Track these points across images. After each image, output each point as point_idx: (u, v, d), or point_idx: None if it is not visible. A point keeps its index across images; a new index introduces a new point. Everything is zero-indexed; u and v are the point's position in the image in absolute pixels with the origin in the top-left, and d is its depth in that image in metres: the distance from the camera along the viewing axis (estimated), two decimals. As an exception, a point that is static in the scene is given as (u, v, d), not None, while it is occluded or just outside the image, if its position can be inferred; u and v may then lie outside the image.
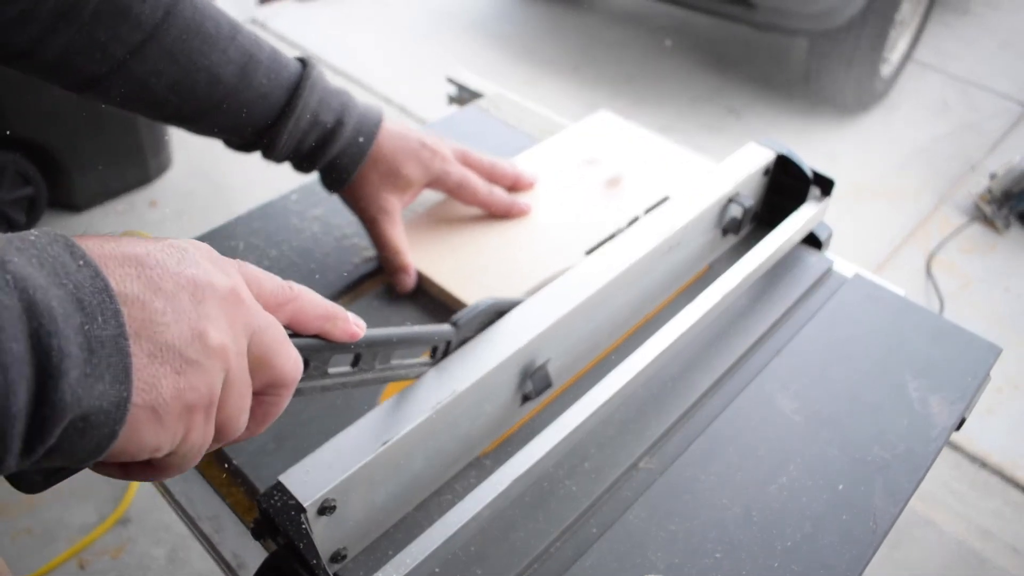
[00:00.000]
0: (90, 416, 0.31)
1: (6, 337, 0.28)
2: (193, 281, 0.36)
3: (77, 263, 0.32)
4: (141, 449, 0.35)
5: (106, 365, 0.32)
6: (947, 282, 2.15)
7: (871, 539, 0.59)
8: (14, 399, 0.29)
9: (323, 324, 0.45)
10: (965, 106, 2.93)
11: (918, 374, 0.71)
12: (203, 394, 0.36)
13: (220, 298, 0.37)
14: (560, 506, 0.59)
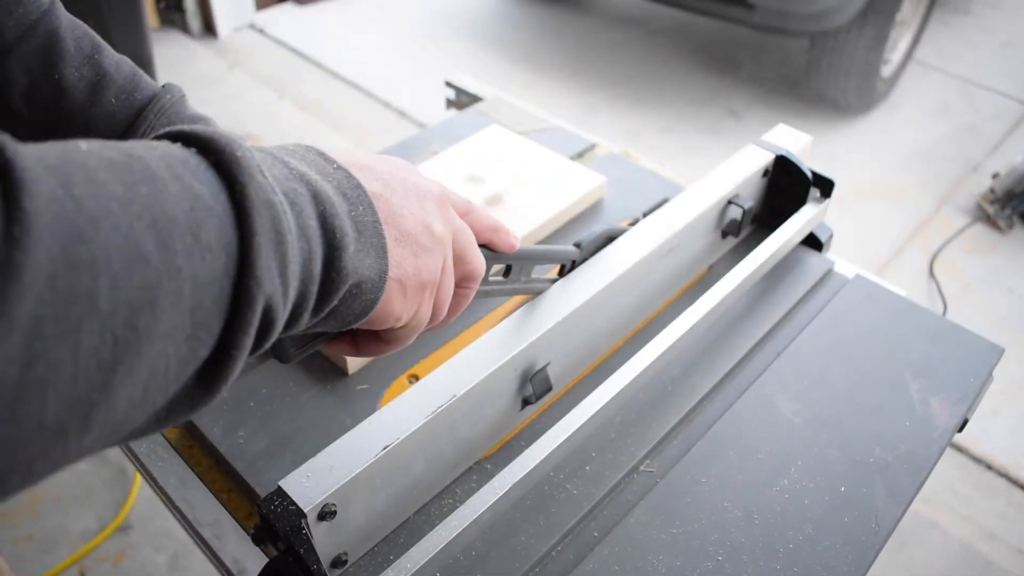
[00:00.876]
0: (362, 283, 0.39)
1: (306, 216, 0.35)
2: (415, 185, 0.44)
3: (332, 166, 0.40)
4: (388, 317, 0.43)
5: (370, 244, 0.39)
6: (950, 283, 2.15)
7: (873, 540, 0.59)
8: (315, 264, 0.35)
9: (491, 235, 0.51)
10: (966, 106, 2.92)
11: (919, 375, 0.71)
12: (433, 274, 0.44)
13: (436, 200, 0.45)
14: (561, 510, 0.59)
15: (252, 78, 2.90)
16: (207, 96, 2.76)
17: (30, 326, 0.24)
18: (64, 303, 0.25)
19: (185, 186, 0.30)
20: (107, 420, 0.28)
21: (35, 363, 0.24)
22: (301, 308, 0.36)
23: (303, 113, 2.71)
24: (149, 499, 1.61)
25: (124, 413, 0.28)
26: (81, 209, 0.26)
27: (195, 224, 0.29)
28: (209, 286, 0.30)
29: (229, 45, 3.12)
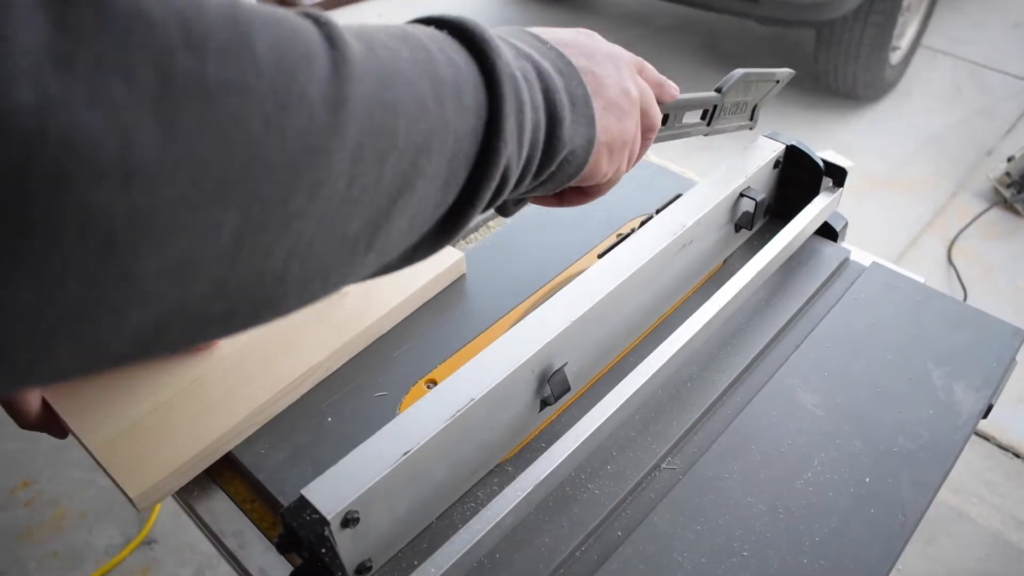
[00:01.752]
0: (575, 150, 0.44)
1: (535, 90, 0.40)
2: (610, 53, 0.48)
3: (545, 46, 0.44)
4: (596, 175, 0.49)
5: (582, 115, 0.44)
6: (969, 270, 2.13)
7: (900, 531, 0.58)
8: (540, 132, 0.40)
9: (658, 89, 0.56)
10: (978, 90, 2.90)
11: (941, 362, 0.70)
12: (632, 134, 0.50)
13: (627, 64, 0.50)
14: (584, 510, 0.59)
15: (260, 91, 2.91)
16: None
17: (354, 149, 0.28)
18: (377, 135, 0.29)
19: (449, 57, 0.35)
20: (383, 245, 0.33)
21: (353, 183, 0.28)
22: (527, 171, 0.41)
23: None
24: (173, 513, 1.62)
25: (394, 241, 0.33)
26: (383, 63, 0.31)
27: (459, 87, 0.34)
28: (465, 139, 0.35)
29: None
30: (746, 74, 0.69)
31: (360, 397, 0.69)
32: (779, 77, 0.75)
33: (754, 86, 0.72)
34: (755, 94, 0.73)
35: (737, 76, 0.68)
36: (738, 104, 0.71)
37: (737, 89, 0.69)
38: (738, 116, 0.73)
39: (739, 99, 0.71)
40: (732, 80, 0.68)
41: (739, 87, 0.69)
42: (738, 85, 0.69)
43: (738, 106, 0.71)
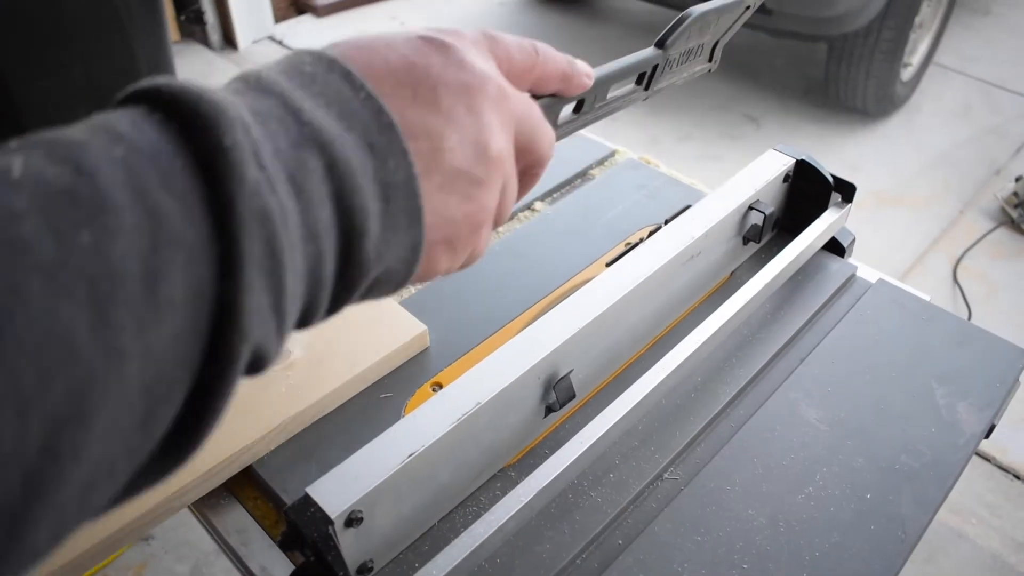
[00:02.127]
0: (392, 267, 0.32)
1: (316, 203, 0.27)
2: (466, 87, 0.34)
3: (359, 96, 0.30)
4: (433, 275, 0.37)
5: (401, 211, 0.31)
6: (974, 289, 2.12)
7: (900, 548, 0.59)
8: (326, 266, 0.29)
9: (560, 84, 0.43)
10: (988, 108, 2.90)
11: (945, 380, 0.71)
12: (490, 210, 0.36)
13: (492, 100, 0.35)
14: (585, 517, 0.59)
15: (272, 90, 2.93)
16: (228, 108, 2.79)
17: None
18: None
19: (148, 209, 0.22)
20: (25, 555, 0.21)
21: None
22: (309, 317, 0.30)
23: (322, 124, 2.74)
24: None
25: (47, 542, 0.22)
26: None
27: (153, 273, 0.22)
28: (169, 352, 0.23)
29: (249, 57, 3.15)
30: (703, 15, 0.56)
31: (366, 398, 0.69)
32: (748, 2, 0.61)
33: (714, 23, 0.58)
34: (715, 31, 0.60)
35: (689, 20, 0.55)
36: (691, 50, 0.58)
37: (689, 34, 0.56)
38: (692, 63, 0.60)
39: (692, 44, 0.58)
40: (682, 28, 0.55)
41: (692, 32, 0.56)
42: (690, 30, 0.56)
43: (692, 52, 0.59)
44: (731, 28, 0.62)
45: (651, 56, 0.53)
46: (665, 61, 0.55)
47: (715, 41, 0.61)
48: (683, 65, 0.58)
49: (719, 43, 0.62)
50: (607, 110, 0.52)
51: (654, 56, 0.54)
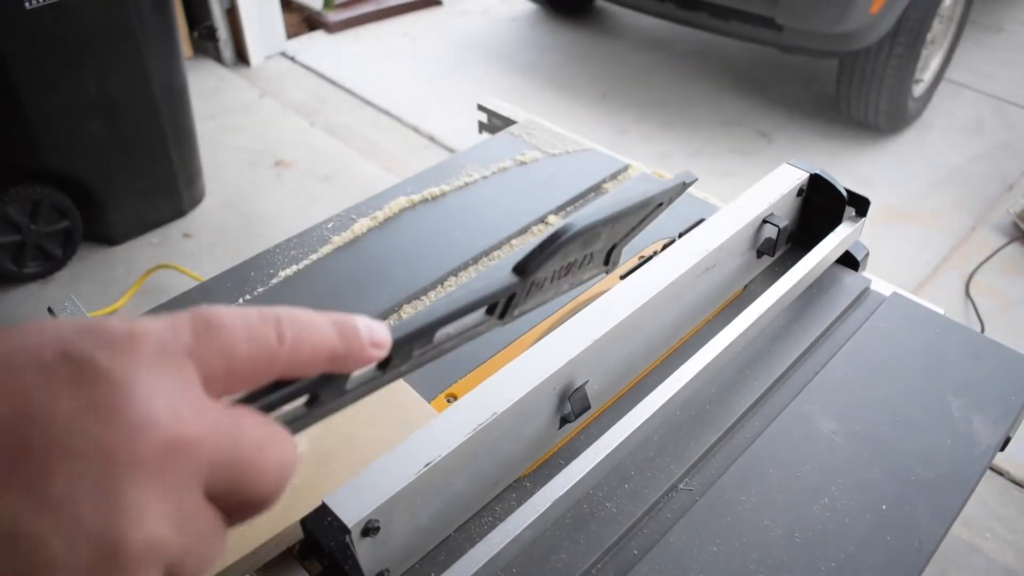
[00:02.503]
0: None
1: None
2: (103, 454, 0.23)
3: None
4: None
5: None
6: (987, 304, 2.11)
7: (917, 559, 0.58)
8: None
9: (331, 366, 0.32)
10: (1000, 125, 2.89)
11: (960, 393, 0.71)
12: None
13: (148, 466, 0.23)
14: (601, 528, 0.59)
15: (283, 105, 2.95)
16: (240, 123, 2.81)
17: None
18: None
19: None
20: None
21: None
22: None
23: (333, 139, 2.75)
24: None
25: None
26: None
27: None
28: None
29: (261, 73, 3.18)
30: (581, 232, 0.46)
31: (381, 408, 0.69)
32: (661, 199, 0.52)
33: (606, 232, 0.49)
34: (610, 237, 0.50)
35: (560, 241, 0.44)
36: (573, 263, 0.48)
37: (567, 252, 0.46)
38: (576, 274, 0.50)
39: (573, 258, 0.48)
40: (548, 252, 0.44)
41: (570, 250, 0.46)
42: (566, 250, 0.46)
43: (575, 264, 0.49)
44: (638, 227, 0.53)
45: (504, 286, 0.43)
46: (528, 286, 0.45)
47: (611, 246, 0.52)
48: (561, 280, 0.48)
49: (618, 247, 0.52)
50: (436, 352, 0.41)
51: (509, 285, 0.43)
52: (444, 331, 0.41)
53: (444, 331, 0.41)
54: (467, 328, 0.42)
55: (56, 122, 1.95)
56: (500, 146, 1.03)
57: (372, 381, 0.37)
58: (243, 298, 0.79)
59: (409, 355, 0.39)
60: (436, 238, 0.87)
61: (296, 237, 0.87)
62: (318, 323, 0.31)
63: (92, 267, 2.19)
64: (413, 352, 0.39)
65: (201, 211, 2.40)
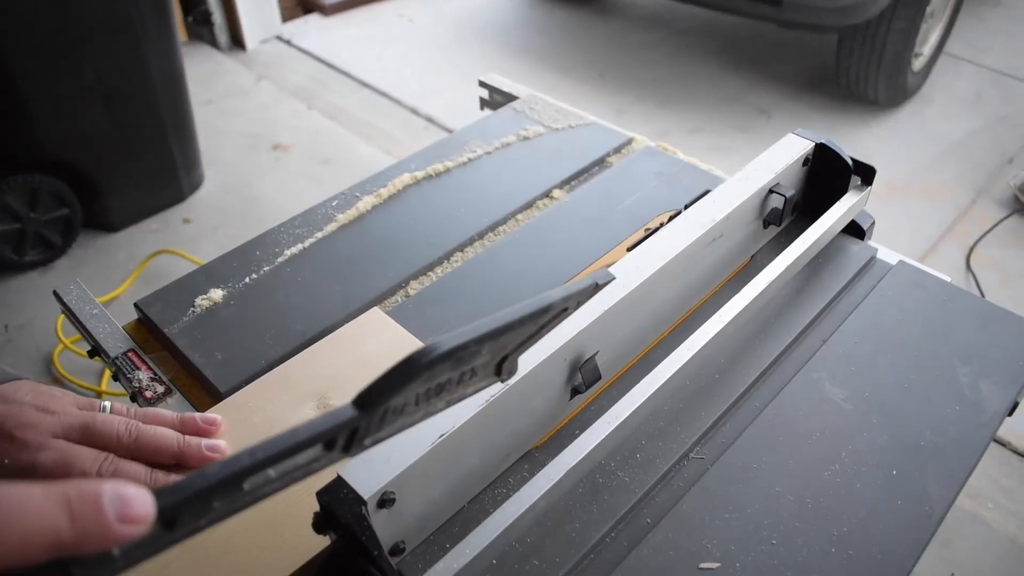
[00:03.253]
0: None
1: None
2: None
3: None
4: None
5: None
6: (988, 276, 2.12)
7: (927, 524, 0.59)
8: None
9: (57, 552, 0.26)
10: (1000, 98, 2.88)
11: (967, 359, 0.71)
12: None
13: None
14: (613, 497, 0.60)
15: (280, 89, 2.93)
16: (237, 107, 2.80)
17: None
18: None
19: None
20: None
21: None
22: None
23: (331, 122, 2.74)
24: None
25: None
26: None
27: None
28: None
29: (257, 57, 3.16)
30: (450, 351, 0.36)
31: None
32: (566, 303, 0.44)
33: (487, 347, 0.40)
34: (496, 350, 0.43)
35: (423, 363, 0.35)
36: (447, 382, 0.41)
37: (435, 374, 0.38)
38: (457, 390, 0.42)
39: (449, 375, 0.40)
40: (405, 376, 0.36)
41: (439, 371, 0.38)
42: (432, 372, 0.37)
43: (452, 382, 0.41)
44: (536, 335, 0.45)
45: (340, 423, 0.34)
46: (381, 415, 0.37)
47: (503, 357, 0.44)
48: (435, 399, 0.41)
49: (510, 357, 0.45)
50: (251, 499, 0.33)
51: (346, 421, 0.35)
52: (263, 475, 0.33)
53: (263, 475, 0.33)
54: (296, 467, 0.35)
55: (54, 110, 1.94)
56: (503, 121, 1.02)
57: (155, 542, 0.30)
58: (249, 277, 0.79)
59: (207, 508, 0.32)
60: (441, 214, 0.87)
61: (300, 216, 0.87)
62: (32, 504, 0.25)
63: (92, 254, 2.18)
64: (212, 505, 0.32)
65: (200, 196, 2.40)
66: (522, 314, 0.40)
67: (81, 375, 1.87)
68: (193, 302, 0.76)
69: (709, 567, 0.56)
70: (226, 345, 0.72)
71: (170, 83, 2.13)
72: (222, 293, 0.77)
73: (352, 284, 0.78)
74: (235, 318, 0.75)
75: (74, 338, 1.93)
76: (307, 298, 0.77)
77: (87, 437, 0.60)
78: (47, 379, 1.87)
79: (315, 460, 0.35)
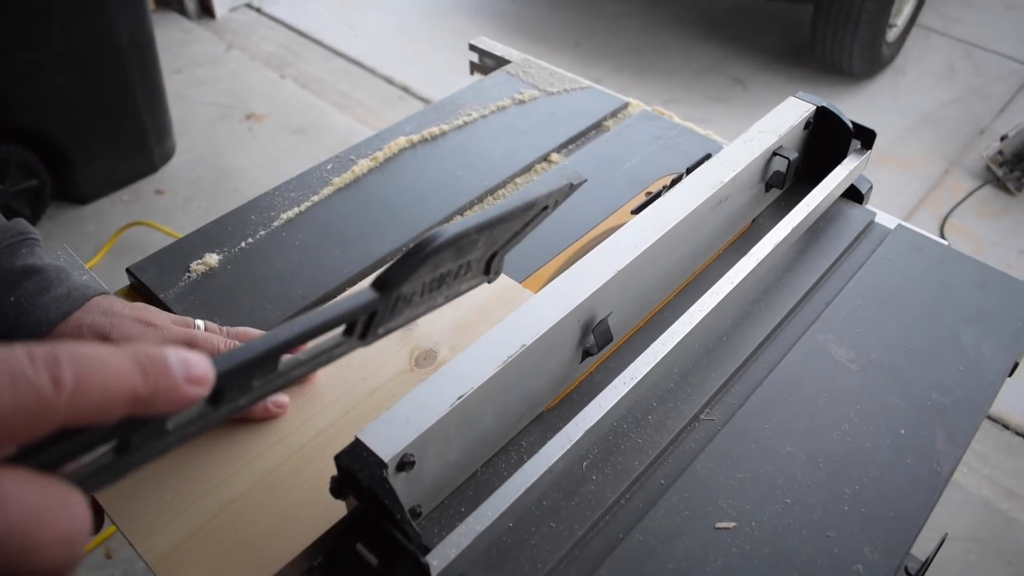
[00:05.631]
0: None
1: None
2: None
3: None
4: None
5: None
6: (961, 246, 2.15)
7: (937, 481, 0.60)
8: None
9: (135, 409, 0.28)
10: (972, 70, 2.92)
11: (970, 320, 0.71)
12: None
13: None
14: (627, 459, 0.59)
15: (252, 57, 2.87)
16: (208, 76, 2.74)
17: None
18: None
19: None
20: None
21: None
22: None
23: (305, 91, 2.69)
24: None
25: None
26: None
27: None
28: None
29: (226, 25, 3.09)
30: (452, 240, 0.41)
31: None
32: (546, 202, 0.48)
33: (484, 237, 0.45)
34: (488, 244, 0.47)
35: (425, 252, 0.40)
36: (447, 274, 0.44)
37: (439, 262, 0.42)
38: (453, 284, 0.46)
39: (446, 268, 0.44)
40: (411, 264, 0.40)
41: (443, 258, 0.42)
42: (437, 260, 0.42)
43: (450, 274, 0.45)
44: (521, 232, 0.49)
45: (362, 304, 0.38)
46: (393, 303, 0.41)
47: (492, 253, 0.48)
48: (434, 292, 0.45)
49: (499, 254, 0.49)
50: (284, 380, 0.36)
51: (367, 303, 0.38)
52: (293, 357, 0.37)
53: (293, 357, 0.37)
54: (321, 351, 0.38)
55: (22, 78, 1.88)
56: (497, 85, 1.01)
57: (202, 418, 0.32)
58: (245, 241, 0.77)
59: (248, 386, 0.34)
60: (439, 177, 0.85)
61: (295, 179, 0.85)
62: (110, 361, 0.27)
63: (63, 226, 2.13)
64: (253, 383, 0.34)
65: (172, 167, 2.35)
66: (512, 206, 0.45)
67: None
68: (188, 267, 0.74)
69: (725, 526, 0.56)
70: (224, 310, 0.71)
71: (140, 50, 2.07)
72: (218, 257, 0.75)
73: (351, 248, 0.77)
74: (232, 283, 0.73)
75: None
76: (306, 262, 0.75)
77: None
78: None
79: (336, 346, 0.39)
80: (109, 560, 1.50)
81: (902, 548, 0.55)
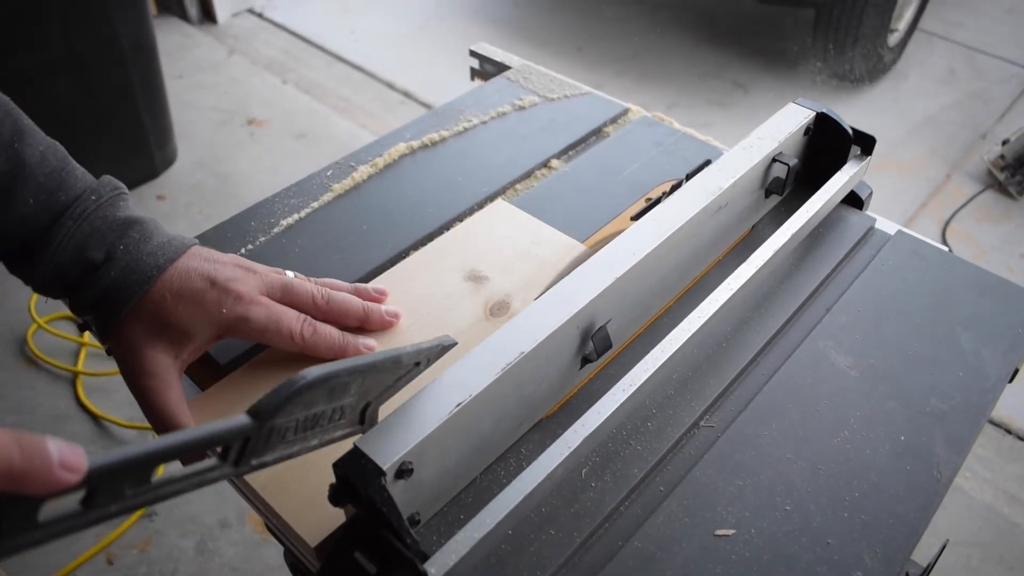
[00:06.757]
0: None
1: None
2: None
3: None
4: None
5: None
6: (963, 251, 2.15)
7: (937, 488, 0.59)
8: None
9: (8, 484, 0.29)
10: (973, 74, 2.92)
11: (969, 326, 0.71)
12: None
13: None
14: (626, 466, 0.59)
15: (253, 62, 2.88)
16: (209, 82, 2.74)
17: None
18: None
19: None
20: None
21: None
22: None
23: (306, 96, 2.70)
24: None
25: None
26: None
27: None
28: None
29: (228, 30, 3.09)
30: (323, 379, 0.43)
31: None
32: (416, 358, 0.52)
33: (357, 384, 0.47)
34: (362, 392, 0.49)
35: (297, 387, 0.41)
36: (320, 415, 0.46)
37: (313, 399, 0.44)
38: (326, 429, 0.48)
39: (320, 409, 0.46)
40: (285, 397, 0.41)
41: (315, 397, 0.44)
42: (310, 395, 0.43)
43: (323, 416, 0.46)
44: (392, 387, 0.52)
45: (236, 427, 0.40)
46: (267, 433, 0.42)
47: (366, 403, 0.51)
48: (308, 433, 0.46)
49: (372, 405, 0.51)
50: (154, 496, 0.37)
51: (241, 428, 0.40)
52: (167, 473, 0.38)
53: (167, 473, 0.38)
54: (194, 472, 0.39)
55: (23, 82, 1.88)
56: (497, 91, 1.01)
57: (74, 518, 0.33)
58: (245, 247, 0.77)
59: (120, 493, 0.35)
60: (439, 183, 0.85)
61: (295, 185, 0.85)
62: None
63: (64, 231, 2.13)
64: (125, 490, 0.35)
65: (174, 172, 2.35)
66: (382, 357, 0.48)
67: (56, 355, 1.83)
68: (188, 274, 0.74)
69: (725, 533, 0.56)
70: (224, 317, 0.71)
71: (141, 55, 2.08)
72: (218, 265, 0.75)
73: (351, 254, 0.77)
74: (232, 290, 0.73)
75: (48, 317, 1.89)
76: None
77: (287, 297, 0.65)
78: (22, 360, 1.83)
79: (209, 469, 0.40)
80: (111, 566, 1.51)
81: (902, 555, 0.55)
